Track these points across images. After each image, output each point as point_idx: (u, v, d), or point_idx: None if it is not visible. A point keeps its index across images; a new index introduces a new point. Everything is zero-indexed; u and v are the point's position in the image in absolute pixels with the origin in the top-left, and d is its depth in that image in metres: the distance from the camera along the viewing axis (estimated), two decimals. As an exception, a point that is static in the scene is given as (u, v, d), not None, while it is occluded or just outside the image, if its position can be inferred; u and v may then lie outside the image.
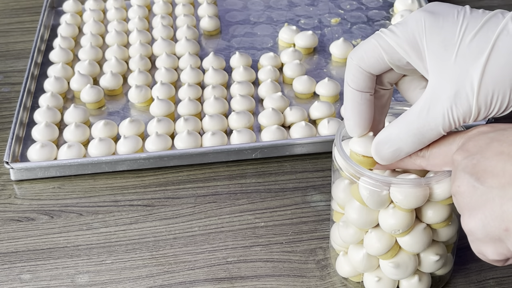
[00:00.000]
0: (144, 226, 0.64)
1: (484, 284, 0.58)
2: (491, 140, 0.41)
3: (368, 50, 0.45)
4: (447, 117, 0.43)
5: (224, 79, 0.79)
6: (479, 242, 0.41)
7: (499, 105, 0.43)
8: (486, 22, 0.43)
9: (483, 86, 0.42)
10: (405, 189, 0.47)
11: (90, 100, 0.76)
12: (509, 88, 0.42)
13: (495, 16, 0.43)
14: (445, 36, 0.43)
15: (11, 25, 0.93)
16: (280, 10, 0.93)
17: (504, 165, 0.39)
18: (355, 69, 0.46)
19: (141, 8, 0.91)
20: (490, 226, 0.40)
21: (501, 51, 0.42)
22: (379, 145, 0.46)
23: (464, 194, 0.41)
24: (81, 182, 0.69)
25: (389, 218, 0.49)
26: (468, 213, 0.41)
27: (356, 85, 0.46)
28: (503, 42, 0.42)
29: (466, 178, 0.41)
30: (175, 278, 0.59)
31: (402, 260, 0.51)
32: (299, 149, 0.70)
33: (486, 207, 0.40)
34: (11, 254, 0.62)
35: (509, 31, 0.42)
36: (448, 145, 0.45)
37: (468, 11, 0.44)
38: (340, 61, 0.84)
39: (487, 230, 0.40)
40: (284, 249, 0.61)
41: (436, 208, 0.49)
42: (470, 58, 0.42)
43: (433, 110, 0.44)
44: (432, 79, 0.44)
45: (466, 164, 0.41)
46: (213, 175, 0.69)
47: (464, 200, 0.41)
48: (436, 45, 0.43)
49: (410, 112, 0.45)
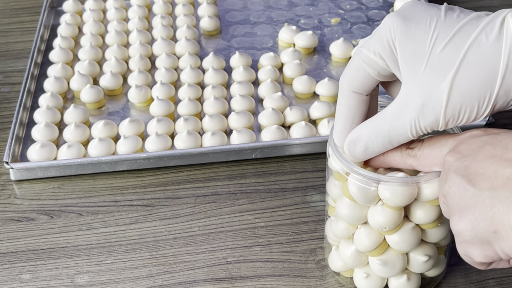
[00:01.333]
0: (144, 226, 0.64)
1: (484, 284, 0.58)
2: (483, 143, 0.42)
3: (354, 71, 0.46)
4: (413, 126, 0.44)
5: (224, 79, 0.79)
6: (467, 244, 0.42)
7: (467, 117, 0.43)
8: (459, 30, 0.42)
9: (451, 99, 0.42)
10: (392, 187, 0.48)
11: (90, 100, 0.76)
12: (477, 101, 0.42)
13: (470, 22, 0.42)
14: (415, 46, 0.43)
15: (11, 25, 0.93)
16: (280, 10, 0.93)
17: (496, 168, 0.40)
18: (348, 94, 0.47)
19: (141, 8, 0.91)
20: (479, 227, 0.40)
21: (470, 64, 0.41)
22: (351, 144, 0.48)
23: (454, 195, 0.41)
24: (81, 182, 0.69)
25: (376, 215, 0.49)
26: (458, 214, 0.41)
27: (349, 111, 0.47)
28: (473, 55, 0.41)
29: (458, 180, 0.41)
30: (175, 278, 0.59)
31: (390, 258, 0.52)
32: (299, 149, 0.70)
33: (476, 208, 0.40)
34: (11, 254, 0.62)
35: (480, 43, 0.41)
36: (440, 146, 0.45)
37: (442, 16, 0.43)
38: (340, 61, 0.84)
39: (476, 232, 0.40)
40: (284, 249, 0.61)
41: (425, 209, 0.50)
42: (439, 70, 0.42)
43: (402, 118, 0.44)
44: (403, 87, 0.44)
45: (458, 166, 0.42)
46: (213, 175, 0.69)
47: (454, 201, 0.41)
48: (407, 55, 0.43)
49: (381, 115, 0.45)
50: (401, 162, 0.47)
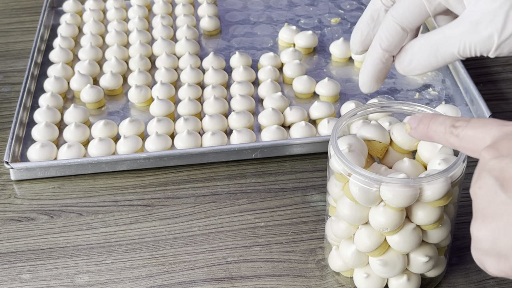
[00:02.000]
0: (144, 226, 0.64)
1: (484, 284, 0.58)
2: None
3: (410, 4, 0.46)
4: (464, 41, 0.43)
5: (224, 79, 0.79)
6: (483, 252, 0.38)
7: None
8: None
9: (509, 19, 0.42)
10: (394, 188, 0.48)
11: (90, 100, 0.76)
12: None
13: None
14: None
15: (11, 25, 0.93)
16: (280, 10, 0.93)
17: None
18: (393, 28, 0.46)
19: (141, 8, 0.91)
20: (500, 240, 0.37)
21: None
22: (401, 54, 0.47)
23: (482, 198, 0.38)
24: (81, 182, 0.69)
25: (378, 215, 0.49)
26: (481, 219, 0.38)
27: (388, 45, 0.47)
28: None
29: (490, 181, 0.38)
30: (175, 278, 0.59)
31: (390, 259, 0.52)
32: (299, 149, 0.70)
33: (502, 218, 0.36)
34: (11, 254, 0.62)
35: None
36: (483, 132, 0.41)
37: None
38: (340, 61, 0.84)
39: (496, 244, 0.37)
40: (284, 249, 0.61)
41: (426, 210, 0.50)
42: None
43: (455, 29, 0.44)
44: (467, 8, 0.44)
45: (493, 166, 0.38)
46: (213, 175, 0.69)
47: (481, 204, 0.38)
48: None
49: (436, 29, 0.45)
50: (443, 139, 0.43)
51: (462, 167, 0.49)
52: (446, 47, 0.45)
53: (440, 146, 0.51)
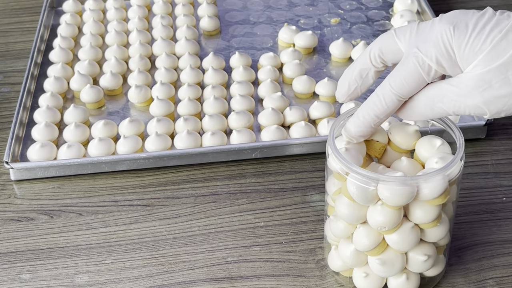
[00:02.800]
0: (144, 226, 0.64)
1: (483, 284, 0.58)
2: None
3: (408, 75, 0.46)
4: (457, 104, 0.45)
5: (224, 79, 0.79)
6: None
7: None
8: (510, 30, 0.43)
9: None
10: (391, 186, 0.48)
11: (90, 100, 0.77)
12: None
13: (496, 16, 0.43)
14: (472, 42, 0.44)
15: (11, 25, 0.93)
16: (280, 10, 0.94)
17: None
18: (390, 99, 0.47)
19: (141, 8, 0.91)
20: None
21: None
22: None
23: None
24: (81, 182, 0.69)
25: (376, 214, 0.50)
26: None
27: (383, 113, 0.48)
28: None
29: None
30: (174, 278, 0.59)
31: (389, 258, 0.52)
32: (299, 149, 0.70)
33: None
34: (11, 254, 0.62)
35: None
36: None
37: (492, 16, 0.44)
38: (340, 61, 0.84)
39: None
40: (284, 249, 0.61)
41: (424, 208, 0.50)
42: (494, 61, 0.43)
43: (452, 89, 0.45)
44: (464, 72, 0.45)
45: None
46: (213, 175, 0.69)
47: None
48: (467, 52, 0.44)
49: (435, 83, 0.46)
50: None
51: (459, 165, 0.49)
52: (441, 104, 0.46)
53: (438, 145, 0.51)
